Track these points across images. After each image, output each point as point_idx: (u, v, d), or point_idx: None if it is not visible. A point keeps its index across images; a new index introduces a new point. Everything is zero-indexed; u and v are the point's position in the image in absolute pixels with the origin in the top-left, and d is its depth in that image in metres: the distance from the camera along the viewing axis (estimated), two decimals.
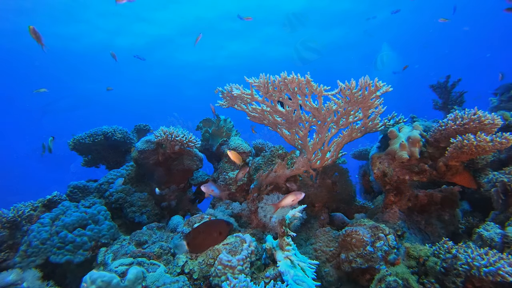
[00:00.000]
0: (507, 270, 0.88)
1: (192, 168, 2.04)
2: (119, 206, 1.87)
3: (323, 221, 1.74)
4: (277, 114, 1.48)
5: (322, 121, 1.43)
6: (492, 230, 1.22)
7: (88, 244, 1.47)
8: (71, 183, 1.94)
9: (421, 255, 1.15)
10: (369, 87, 1.24)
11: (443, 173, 1.45)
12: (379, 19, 10.25)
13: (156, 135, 1.88)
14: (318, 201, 1.78)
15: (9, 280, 1.21)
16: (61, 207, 1.60)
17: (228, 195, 1.93)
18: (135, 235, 1.55)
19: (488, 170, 1.65)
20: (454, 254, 1.00)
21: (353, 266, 1.21)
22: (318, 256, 1.49)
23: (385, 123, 1.52)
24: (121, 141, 2.28)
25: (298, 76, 1.26)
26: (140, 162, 1.99)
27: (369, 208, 1.87)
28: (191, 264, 1.18)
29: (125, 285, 1.01)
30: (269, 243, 1.20)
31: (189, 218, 1.62)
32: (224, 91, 1.54)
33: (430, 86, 2.54)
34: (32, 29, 1.97)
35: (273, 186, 1.71)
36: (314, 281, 1.02)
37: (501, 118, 1.34)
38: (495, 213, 1.42)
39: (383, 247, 1.18)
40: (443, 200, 1.56)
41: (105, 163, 2.43)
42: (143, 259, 1.23)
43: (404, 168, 1.54)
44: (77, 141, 2.18)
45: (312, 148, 1.55)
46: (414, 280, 1.04)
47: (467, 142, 1.25)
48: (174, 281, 1.08)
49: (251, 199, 1.70)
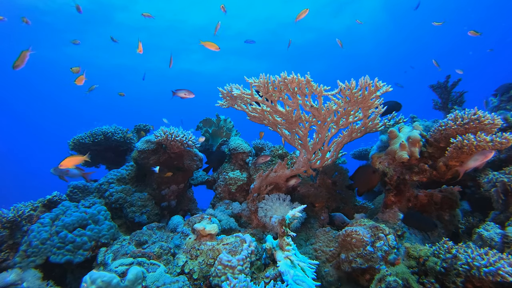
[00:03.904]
0: (507, 270, 0.88)
1: (192, 168, 2.04)
2: (119, 206, 1.87)
3: (323, 221, 1.74)
4: (277, 114, 1.48)
5: (322, 121, 1.43)
6: (492, 230, 1.22)
7: (88, 244, 1.47)
8: (71, 183, 1.94)
9: (421, 255, 1.15)
10: (369, 87, 1.24)
11: (443, 173, 1.45)
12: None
13: (156, 135, 1.88)
14: (318, 201, 1.78)
15: (9, 280, 1.21)
16: (61, 207, 1.60)
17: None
18: (135, 235, 1.55)
19: (488, 170, 1.65)
20: (454, 254, 1.00)
21: (353, 266, 1.21)
22: (318, 256, 1.49)
23: (385, 123, 1.52)
24: (121, 141, 2.28)
25: (298, 76, 1.26)
26: (140, 162, 1.99)
27: (369, 208, 1.87)
28: (191, 264, 1.18)
29: (125, 285, 1.01)
30: (269, 243, 1.20)
31: (189, 218, 1.62)
32: (224, 91, 1.54)
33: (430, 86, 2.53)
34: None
35: (273, 186, 1.71)
36: (314, 281, 1.02)
37: (501, 118, 1.34)
38: (495, 213, 1.42)
39: (383, 247, 1.18)
40: (443, 200, 1.56)
41: (105, 163, 2.43)
42: (143, 259, 1.23)
43: (404, 168, 1.55)
44: (77, 141, 2.18)
45: (312, 148, 1.55)
46: (414, 280, 1.04)
47: (467, 142, 1.25)
48: (174, 281, 1.08)
49: (251, 199, 1.70)
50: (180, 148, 1.91)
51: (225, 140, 2.44)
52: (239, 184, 2.03)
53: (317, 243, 1.55)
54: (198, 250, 1.21)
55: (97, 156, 2.36)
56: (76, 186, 1.92)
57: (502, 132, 1.26)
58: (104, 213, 1.65)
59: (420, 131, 1.52)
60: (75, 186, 1.92)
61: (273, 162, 2.02)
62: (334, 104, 1.34)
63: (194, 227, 1.29)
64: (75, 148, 2.22)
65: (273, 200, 1.61)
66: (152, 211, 1.95)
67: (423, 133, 1.53)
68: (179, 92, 1.87)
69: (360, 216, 1.67)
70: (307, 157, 1.58)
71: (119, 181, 1.96)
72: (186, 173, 2.09)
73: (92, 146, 2.21)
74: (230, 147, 2.15)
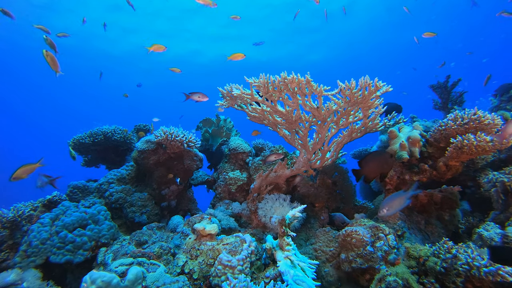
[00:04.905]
0: (507, 270, 0.88)
1: (192, 168, 2.04)
2: (119, 206, 1.87)
3: (323, 221, 1.74)
4: (277, 114, 1.48)
5: (322, 121, 1.43)
6: (492, 230, 1.22)
7: (88, 244, 1.47)
8: (71, 183, 1.93)
9: (421, 255, 1.15)
10: (369, 87, 1.24)
11: (443, 173, 1.45)
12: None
13: (156, 135, 1.88)
14: (318, 201, 1.78)
15: (9, 280, 1.21)
16: (61, 207, 1.60)
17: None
18: (135, 235, 1.55)
19: (488, 170, 1.65)
20: (454, 254, 1.00)
21: (353, 266, 1.21)
22: (318, 256, 1.49)
23: (385, 123, 1.52)
24: (121, 141, 2.28)
25: (298, 76, 1.26)
26: (140, 162, 1.99)
27: (369, 208, 1.87)
28: (191, 264, 1.18)
29: (125, 285, 1.01)
30: (269, 243, 1.20)
31: (189, 218, 1.62)
32: (224, 91, 1.54)
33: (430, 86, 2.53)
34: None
35: (273, 186, 1.71)
36: (314, 281, 1.02)
37: (501, 118, 1.34)
38: (495, 213, 1.42)
39: (383, 247, 1.18)
40: (443, 200, 1.56)
41: (105, 163, 2.43)
42: (143, 259, 1.23)
43: (404, 168, 1.55)
44: (77, 141, 2.18)
45: (312, 148, 1.55)
46: (414, 280, 1.04)
47: (467, 142, 1.25)
48: (174, 281, 1.08)
49: (251, 199, 1.70)
50: (180, 148, 1.91)
51: (225, 140, 2.44)
52: (239, 184, 2.03)
53: (317, 243, 1.55)
54: (198, 250, 1.21)
55: (97, 156, 2.36)
56: (76, 186, 1.92)
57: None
58: (104, 213, 1.65)
59: (420, 131, 1.52)
60: (75, 186, 1.92)
61: (273, 162, 2.02)
62: (334, 104, 1.34)
63: (194, 227, 1.29)
64: (75, 148, 2.22)
65: (273, 200, 1.61)
66: (152, 211, 1.95)
67: (423, 133, 1.53)
68: (193, 95, 1.82)
69: (360, 216, 1.67)
70: (307, 157, 1.58)
71: (119, 181, 1.96)
72: (186, 173, 2.09)
73: (92, 146, 2.21)
74: (230, 147, 2.15)
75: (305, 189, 1.83)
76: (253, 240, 1.22)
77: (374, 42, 12.85)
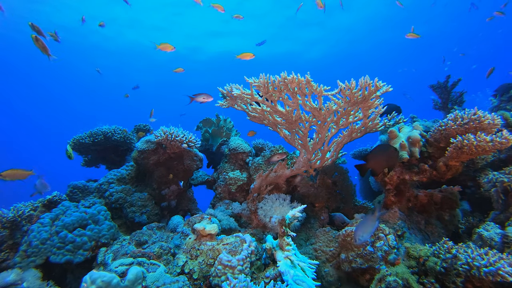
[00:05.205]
0: (507, 270, 0.88)
1: (192, 168, 2.04)
2: (119, 206, 1.87)
3: (323, 221, 1.74)
4: (277, 114, 1.48)
5: (322, 121, 1.43)
6: (492, 230, 1.22)
7: (88, 244, 1.47)
8: (71, 183, 1.93)
9: (421, 255, 1.15)
10: (369, 87, 1.24)
11: (443, 173, 1.45)
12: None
13: (156, 135, 1.88)
14: (318, 201, 1.78)
15: (9, 280, 1.21)
16: (61, 207, 1.60)
17: None
18: (135, 235, 1.55)
19: (488, 170, 1.65)
20: (454, 254, 1.00)
21: (353, 266, 1.22)
22: (318, 256, 1.49)
23: (385, 123, 1.52)
24: (121, 141, 2.28)
25: (298, 76, 1.26)
26: (140, 162, 1.99)
27: (369, 208, 1.87)
28: (191, 264, 1.18)
29: (125, 285, 1.01)
30: (269, 243, 1.20)
31: (189, 218, 1.62)
32: (224, 91, 1.54)
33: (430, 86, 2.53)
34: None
35: (273, 186, 1.72)
36: (314, 281, 1.02)
37: (501, 118, 1.34)
38: (495, 213, 1.42)
39: (383, 247, 1.18)
40: (443, 200, 1.56)
41: (105, 163, 2.43)
42: (143, 259, 1.23)
43: (404, 168, 1.55)
44: (77, 141, 2.18)
45: (312, 148, 1.55)
46: (414, 280, 1.04)
47: (467, 142, 1.25)
48: (174, 281, 1.08)
49: (251, 199, 1.70)
50: (180, 148, 1.91)
51: (225, 140, 2.44)
52: (239, 184, 2.03)
53: (317, 243, 1.55)
54: (198, 250, 1.21)
55: (97, 156, 2.36)
56: (76, 186, 1.92)
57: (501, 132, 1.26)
58: (104, 213, 1.65)
59: (420, 131, 1.52)
60: (75, 186, 1.92)
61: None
62: (334, 104, 1.34)
63: (194, 227, 1.29)
64: (75, 148, 2.22)
65: (273, 200, 1.61)
66: (152, 211, 1.95)
67: (423, 133, 1.53)
68: (197, 97, 1.79)
69: (360, 216, 1.67)
70: (307, 157, 1.58)
71: (119, 181, 1.96)
72: (186, 173, 2.09)
73: (92, 146, 2.21)
74: (230, 147, 2.15)
75: (305, 189, 1.83)
76: (253, 240, 1.22)
77: (374, 40, 12.83)
